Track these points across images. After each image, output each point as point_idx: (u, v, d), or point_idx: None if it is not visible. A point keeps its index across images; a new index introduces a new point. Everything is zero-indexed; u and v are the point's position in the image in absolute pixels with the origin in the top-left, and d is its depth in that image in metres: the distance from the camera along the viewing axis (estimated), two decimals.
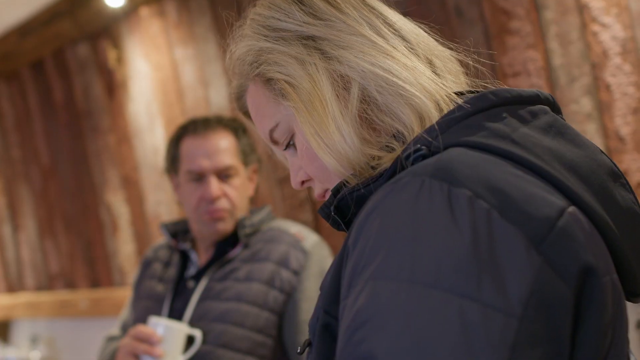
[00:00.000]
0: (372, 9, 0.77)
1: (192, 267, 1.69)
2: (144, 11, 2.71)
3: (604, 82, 1.64)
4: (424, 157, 0.64)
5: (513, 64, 1.77)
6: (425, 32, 0.79)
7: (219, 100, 2.49)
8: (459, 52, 0.79)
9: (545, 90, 0.80)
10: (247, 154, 1.67)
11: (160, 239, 1.92)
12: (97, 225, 3.07)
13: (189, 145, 1.64)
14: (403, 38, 0.76)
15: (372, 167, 0.71)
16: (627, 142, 1.62)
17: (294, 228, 1.66)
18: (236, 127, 1.67)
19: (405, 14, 0.81)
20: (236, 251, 1.63)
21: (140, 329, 1.49)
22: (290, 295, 1.56)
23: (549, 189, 0.60)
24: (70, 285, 3.26)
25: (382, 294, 0.55)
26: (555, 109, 0.73)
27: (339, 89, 0.73)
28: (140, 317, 1.67)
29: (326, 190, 0.78)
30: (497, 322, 0.52)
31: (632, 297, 0.69)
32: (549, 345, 0.54)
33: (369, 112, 0.73)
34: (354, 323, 0.56)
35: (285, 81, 0.75)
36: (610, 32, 1.61)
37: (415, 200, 0.58)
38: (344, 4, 0.76)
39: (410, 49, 0.75)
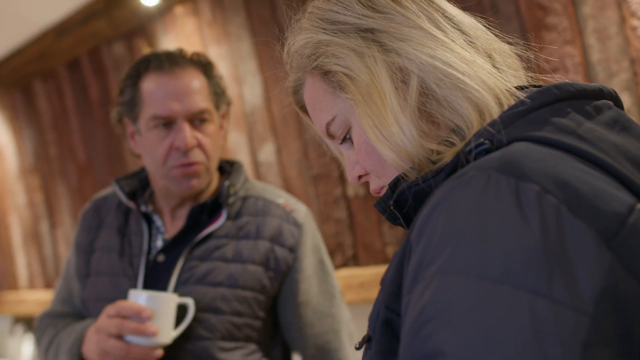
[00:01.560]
0: (430, 2, 0.76)
1: (158, 235, 1.43)
2: (179, 10, 2.75)
3: None
4: (487, 151, 0.63)
5: (550, 60, 1.76)
6: (485, 26, 0.78)
7: (253, 98, 2.51)
8: (519, 47, 0.78)
9: None
10: (219, 95, 1.43)
11: (102, 192, 1.61)
12: None
13: (153, 84, 1.36)
14: (462, 31, 0.75)
15: (432, 162, 0.70)
16: None
17: (280, 198, 1.45)
18: (205, 64, 1.43)
19: None
20: (217, 223, 1.38)
21: (124, 304, 1.25)
22: (286, 275, 1.38)
23: (616, 185, 0.59)
24: None
25: (450, 289, 0.54)
26: (618, 104, 0.72)
27: (397, 82, 0.72)
28: (104, 295, 1.40)
29: (382, 187, 0.78)
30: (568, 320, 0.51)
31: None
32: (621, 343, 0.52)
33: (428, 105, 0.72)
34: (420, 318, 0.55)
35: (343, 73, 0.74)
36: None
37: (482, 194, 0.57)
38: None
39: (470, 43, 0.74)
